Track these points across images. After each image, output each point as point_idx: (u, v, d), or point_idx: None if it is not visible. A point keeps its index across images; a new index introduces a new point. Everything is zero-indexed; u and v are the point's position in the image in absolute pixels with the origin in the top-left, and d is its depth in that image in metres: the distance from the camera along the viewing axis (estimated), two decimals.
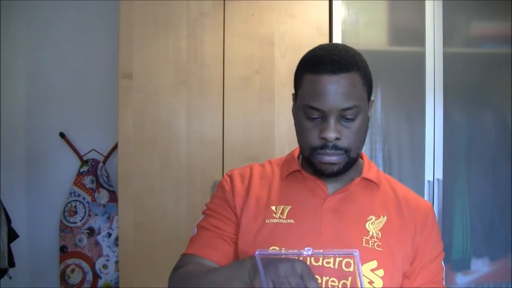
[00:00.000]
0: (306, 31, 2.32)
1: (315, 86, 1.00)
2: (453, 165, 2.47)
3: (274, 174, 1.15)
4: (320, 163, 1.03)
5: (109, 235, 2.77)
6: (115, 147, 2.73)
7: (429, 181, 2.38)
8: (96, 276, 2.76)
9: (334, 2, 2.34)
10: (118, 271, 2.58)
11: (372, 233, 1.05)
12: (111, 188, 2.81)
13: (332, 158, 1.01)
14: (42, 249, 2.83)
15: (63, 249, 2.75)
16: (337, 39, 2.32)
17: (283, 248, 1.02)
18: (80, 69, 2.84)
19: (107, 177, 2.82)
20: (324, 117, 1.00)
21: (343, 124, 1.01)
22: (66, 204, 2.78)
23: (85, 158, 2.83)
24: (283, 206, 1.08)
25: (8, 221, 2.46)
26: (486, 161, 2.53)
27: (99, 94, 2.83)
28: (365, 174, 1.11)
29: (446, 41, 2.41)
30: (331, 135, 0.99)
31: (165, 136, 2.31)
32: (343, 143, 1.01)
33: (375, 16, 2.47)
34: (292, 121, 1.09)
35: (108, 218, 2.78)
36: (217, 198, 1.15)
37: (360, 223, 1.06)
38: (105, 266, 2.77)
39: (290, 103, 1.14)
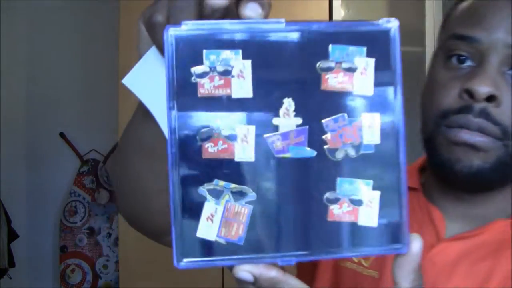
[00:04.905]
0: None
1: (472, 8, 0.59)
2: None
3: None
4: (450, 143, 0.57)
5: (109, 235, 2.77)
6: (115, 147, 2.73)
7: None
8: (96, 276, 2.76)
9: (334, 2, 2.34)
10: (118, 271, 2.58)
11: None
12: (111, 188, 2.81)
13: (474, 138, 0.55)
14: (42, 249, 2.83)
15: (63, 249, 2.75)
16: None
17: None
18: (80, 69, 2.84)
19: (107, 177, 2.82)
20: (478, 59, 0.57)
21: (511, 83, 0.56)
22: (66, 204, 2.77)
23: (85, 158, 2.83)
24: None
25: (8, 221, 2.46)
26: None
27: (99, 94, 2.83)
28: None
29: None
30: (483, 88, 0.54)
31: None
32: (501, 112, 0.55)
33: (375, 16, 2.45)
34: None
35: (108, 218, 2.78)
36: None
37: None
38: (105, 266, 2.77)
39: None
